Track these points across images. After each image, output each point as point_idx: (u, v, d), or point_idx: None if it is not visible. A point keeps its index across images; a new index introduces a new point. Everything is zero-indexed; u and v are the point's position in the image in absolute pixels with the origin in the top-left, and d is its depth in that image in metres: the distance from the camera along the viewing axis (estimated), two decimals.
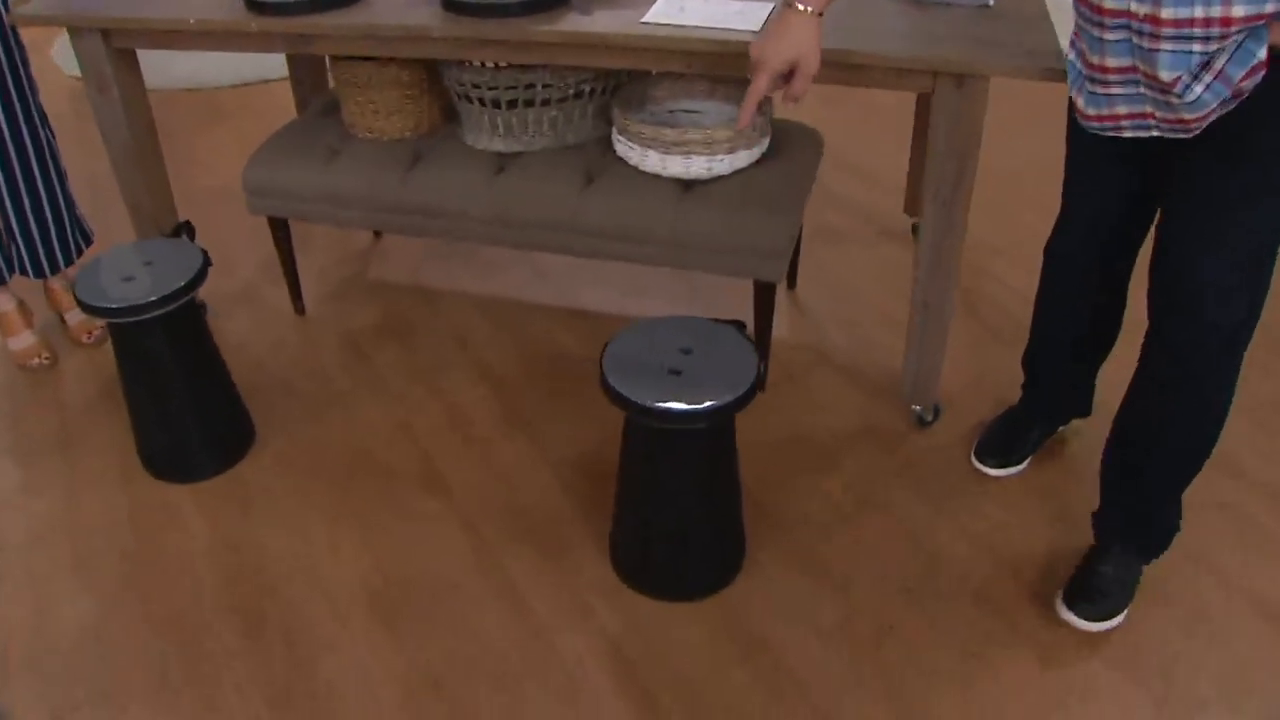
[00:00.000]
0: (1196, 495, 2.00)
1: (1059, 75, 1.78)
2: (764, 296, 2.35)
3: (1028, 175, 3.13)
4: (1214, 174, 1.61)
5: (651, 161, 2.26)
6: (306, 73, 2.97)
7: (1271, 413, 2.38)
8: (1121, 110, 1.63)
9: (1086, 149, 1.84)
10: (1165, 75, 1.49)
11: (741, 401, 1.79)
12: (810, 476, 2.26)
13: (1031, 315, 2.16)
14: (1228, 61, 1.47)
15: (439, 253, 3.01)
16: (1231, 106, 1.53)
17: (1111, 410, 1.93)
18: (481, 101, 2.34)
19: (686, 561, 2.00)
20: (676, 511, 1.93)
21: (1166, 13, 1.44)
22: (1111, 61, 1.57)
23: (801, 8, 1.71)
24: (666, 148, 2.23)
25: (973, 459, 2.27)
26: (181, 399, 2.20)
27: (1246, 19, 1.41)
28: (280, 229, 2.60)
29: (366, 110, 2.42)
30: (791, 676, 1.87)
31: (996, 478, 2.25)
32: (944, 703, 1.82)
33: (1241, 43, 1.46)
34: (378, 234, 3.10)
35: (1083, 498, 2.17)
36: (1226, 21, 1.42)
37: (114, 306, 2.06)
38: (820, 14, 1.73)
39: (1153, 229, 1.81)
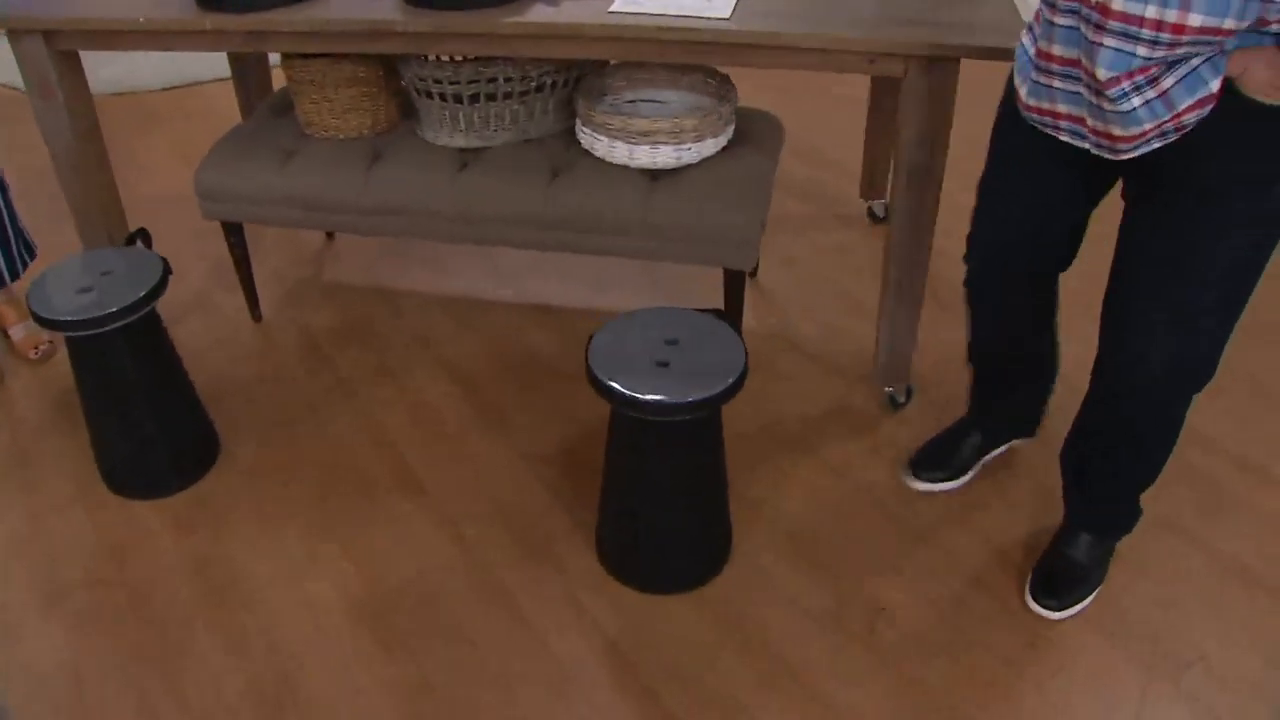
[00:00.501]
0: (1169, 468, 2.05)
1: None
2: (734, 285, 2.35)
3: (963, 157, 3.16)
4: (1160, 219, 1.56)
5: (619, 152, 2.24)
6: (251, 72, 2.90)
7: (1246, 386, 2.45)
8: (1061, 109, 1.57)
9: (1024, 144, 1.71)
10: (1102, 73, 1.41)
11: (731, 390, 1.78)
12: (789, 462, 2.26)
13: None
14: (1176, 84, 1.40)
15: (394, 251, 2.96)
16: (1172, 139, 1.46)
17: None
18: (442, 97, 2.29)
19: (676, 553, 1.99)
20: (666, 503, 1.92)
21: (1117, 3, 1.35)
22: (1058, 50, 1.50)
23: None
24: (634, 138, 2.21)
25: (902, 475, 2.23)
26: (144, 412, 2.13)
27: (1201, 30, 1.32)
28: (234, 234, 2.52)
29: (322, 109, 2.36)
30: (787, 663, 1.87)
31: (930, 492, 2.21)
32: (937, 678, 1.83)
33: (1196, 68, 1.39)
34: (330, 234, 3.03)
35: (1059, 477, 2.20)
36: (1179, 29, 1.33)
37: (72, 319, 1.98)
38: None
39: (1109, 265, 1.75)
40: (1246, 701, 1.78)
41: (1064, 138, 1.59)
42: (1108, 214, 1.75)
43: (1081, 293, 2.08)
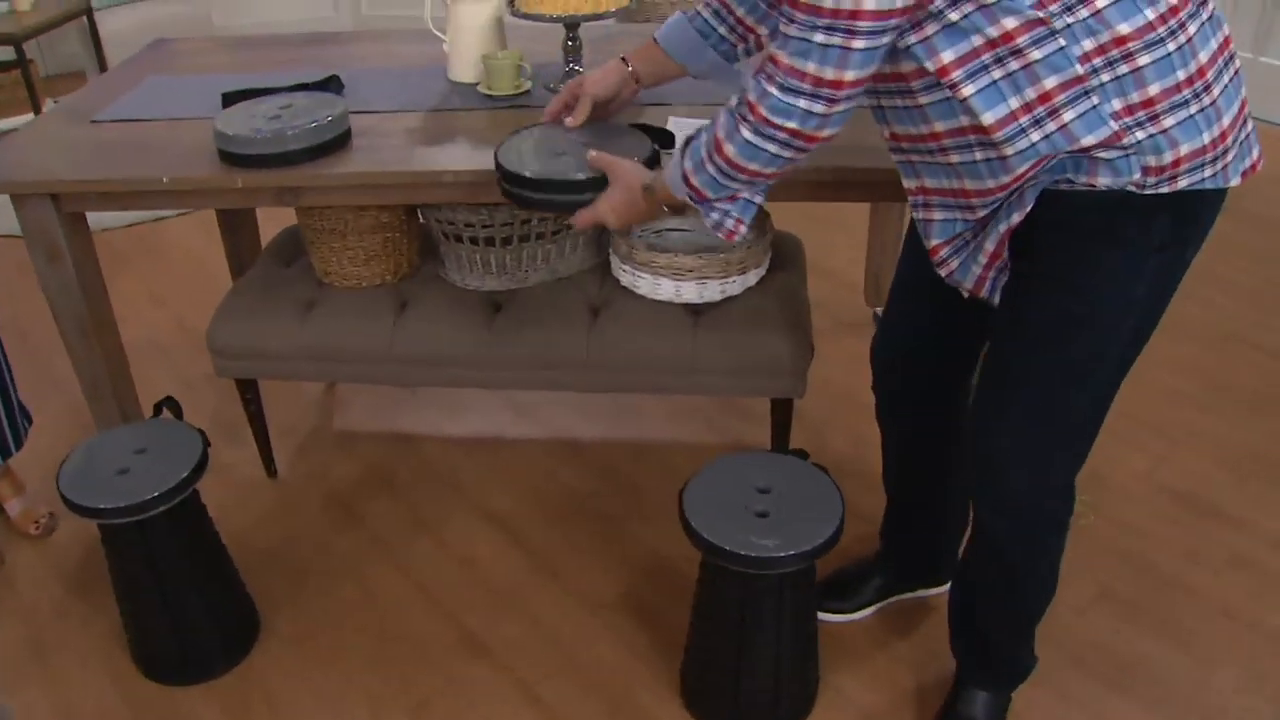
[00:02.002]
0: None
1: None
2: (782, 413, 2.32)
3: None
4: (1003, 343, 1.57)
5: (665, 289, 2.21)
6: (237, 214, 2.79)
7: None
8: (937, 215, 1.56)
9: (919, 245, 1.70)
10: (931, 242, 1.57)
11: (836, 536, 1.76)
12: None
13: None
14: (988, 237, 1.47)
15: (402, 394, 2.86)
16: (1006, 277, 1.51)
17: None
18: (473, 240, 2.23)
19: (778, 699, 1.93)
20: (772, 652, 1.86)
21: (930, 182, 1.50)
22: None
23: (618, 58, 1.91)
24: (681, 274, 2.18)
25: None
26: (189, 595, 1.99)
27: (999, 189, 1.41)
28: (249, 390, 2.40)
29: (343, 257, 2.28)
30: None
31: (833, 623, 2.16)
32: None
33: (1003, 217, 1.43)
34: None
35: None
36: (984, 193, 1.43)
37: (115, 507, 1.85)
38: (627, 63, 1.89)
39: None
40: None
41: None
42: None
43: None
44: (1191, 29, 1.29)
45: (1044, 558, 1.74)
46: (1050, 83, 1.28)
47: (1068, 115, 1.30)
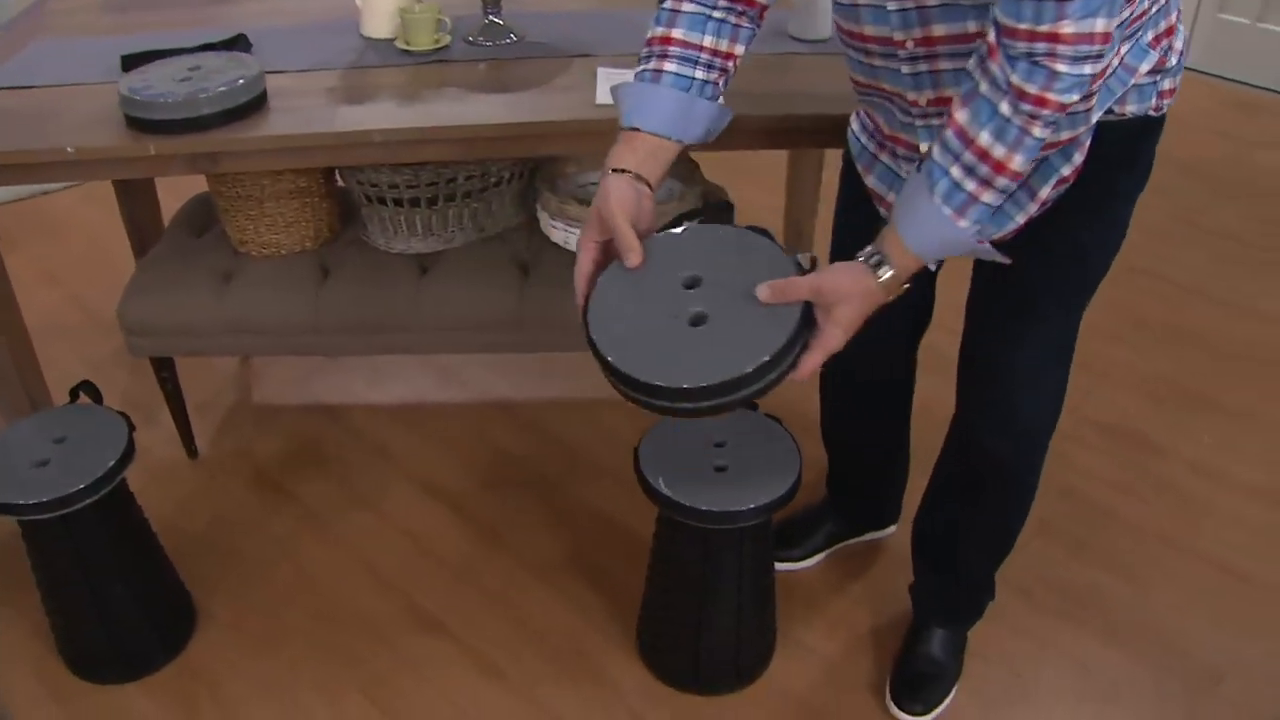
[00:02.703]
0: None
1: None
2: None
3: None
4: (1020, 274, 1.49)
5: None
6: (135, 186, 2.64)
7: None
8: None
9: (860, 185, 1.64)
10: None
11: (796, 487, 1.75)
12: None
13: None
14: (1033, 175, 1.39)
15: (322, 365, 2.75)
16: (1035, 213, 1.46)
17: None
18: (397, 202, 2.15)
19: (737, 652, 1.93)
20: (733, 605, 1.84)
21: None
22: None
23: (611, 171, 1.41)
24: None
25: None
26: (121, 589, 1.89)
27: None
28: (165, 369, 2.28)
29: (260, 225, 2.17)
30: None
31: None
32: None
33: (1047, 158, 1.37)
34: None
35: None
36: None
37: (37, 502, 1.73)
38: (640, 178, 1.41)
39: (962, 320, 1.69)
40: None
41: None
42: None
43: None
44: None
45: (1036, 475, 1.77)
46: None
47: (1124, 49, 1.29)
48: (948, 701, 1.92)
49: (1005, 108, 1.17)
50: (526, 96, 1.96)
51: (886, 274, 1.28)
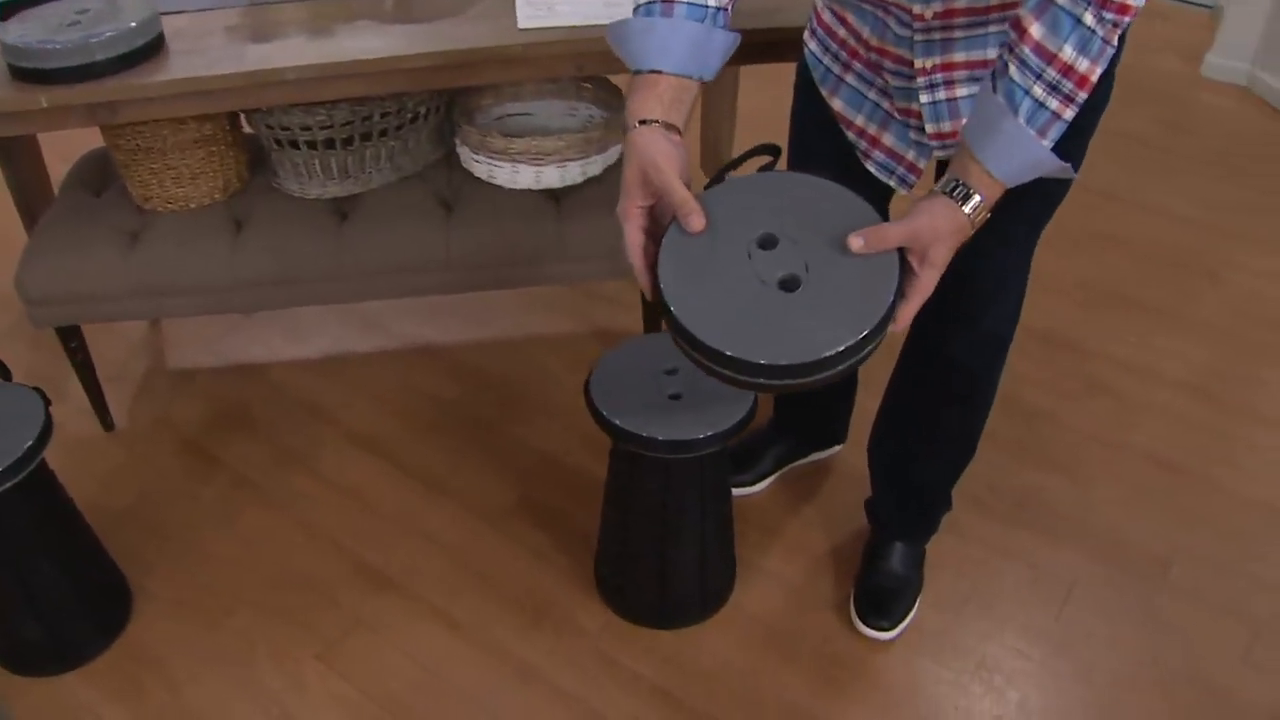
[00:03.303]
0: None
1: None
2: None
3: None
4: None
5: (524, 176, 2.08)
6: (16, 141, 2.47)
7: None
8: (961, 91, 1.44)
9: (823, 108, 1.59)
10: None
11: (754, 410, 1.72)
12: None
13: None
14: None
15: (237, 323, 2.62)
16: None
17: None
18: (310, 145, 2.04)
19: (704, 583, 1.91)
20: (696, 535, 1.82)
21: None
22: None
23: (638, 123, 1.26)
24: (540, 158, 2.05)
25: None
26: (51, 575, 1.79)
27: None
28: (73, 338, 2.15)
29: (164, 178, 2.04)
30: (839, 659, 1.86)
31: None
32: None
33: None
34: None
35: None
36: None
37: None
38: (671, 127, 1.26)
39: None
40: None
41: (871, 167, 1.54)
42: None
43: None
44: None
45: (995, 386, 1.77)
46: None
47: None
48: (912, 614, 1.93)
49: (1090, 18, 1.11)
50: (444, 26, 1.87)
51: (975, 205, 1.21)
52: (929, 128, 1.42)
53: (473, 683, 1.83)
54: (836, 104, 1.54)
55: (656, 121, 1.24)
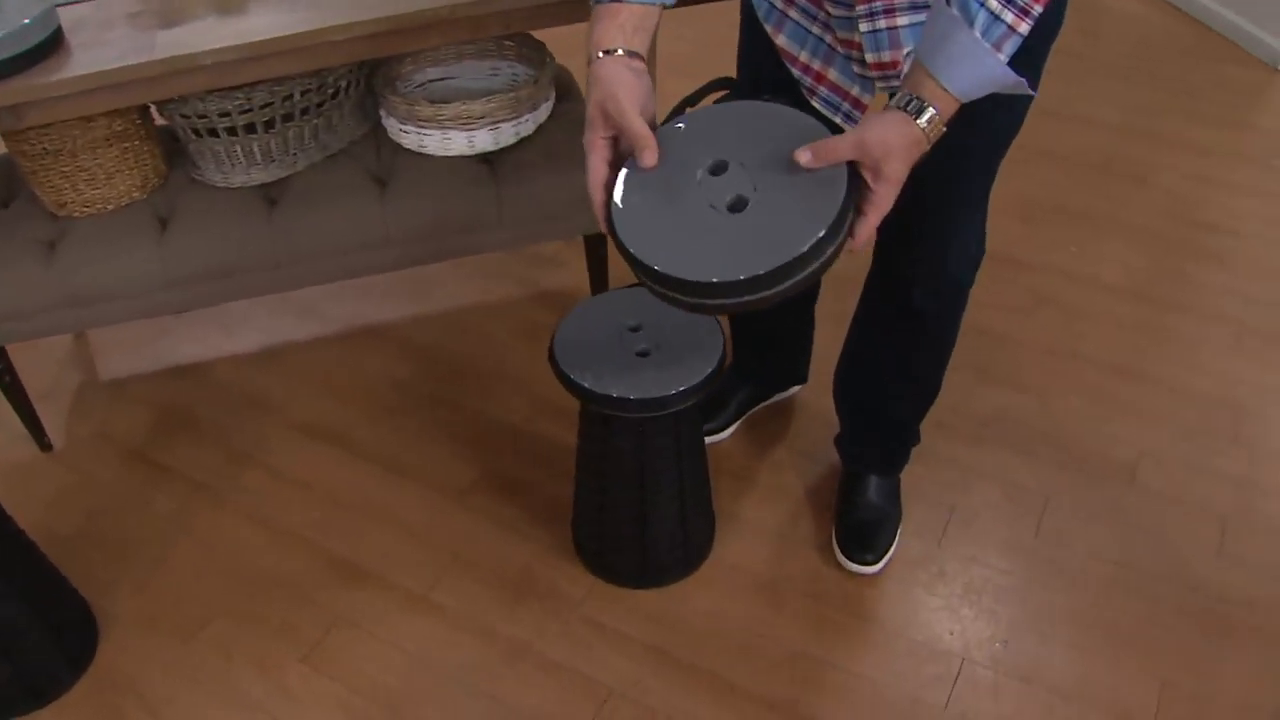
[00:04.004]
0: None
1: None
2: (597, 250, 2.21)
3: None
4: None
5: (456, 142, 2.01)
6: None
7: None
8: (902, 20, 1.39)
9: (768, 44, 1.56)
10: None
11: (724, 361, 1.69)
12: None
13: None
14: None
15: (167, 324, 2.50)
16: None
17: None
18: (230, 131, 1.94)
19: (686, 538, 1.88)
20: (675, 492, 1.79)
21: None
22: None
23: (601, 54, 1.26)
24: (471, 123, 1.98)
25: None
26: (10, 611, 1.68)
27: None
28: None
29: (78, 180, 1.92)
30: (829, 598, 1.86)
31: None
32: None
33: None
34: None
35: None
36: None
37: None
38: (634, 54, 1.26)
39: None
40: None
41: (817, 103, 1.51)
42: None
43: None
44: None
45: (959, 322, 1.77)
46: None
47: None
48: (895, 545, 1.93)
49: None
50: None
51: (929, 118, 1.17)
52: (869, 57, 1.38)
53: (464, 666, 1.79)
54: (780, 40, 1.50)
55: (619, 51, 1.24)
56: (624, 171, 1.26)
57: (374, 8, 1.74)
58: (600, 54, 1.24)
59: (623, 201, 1.25)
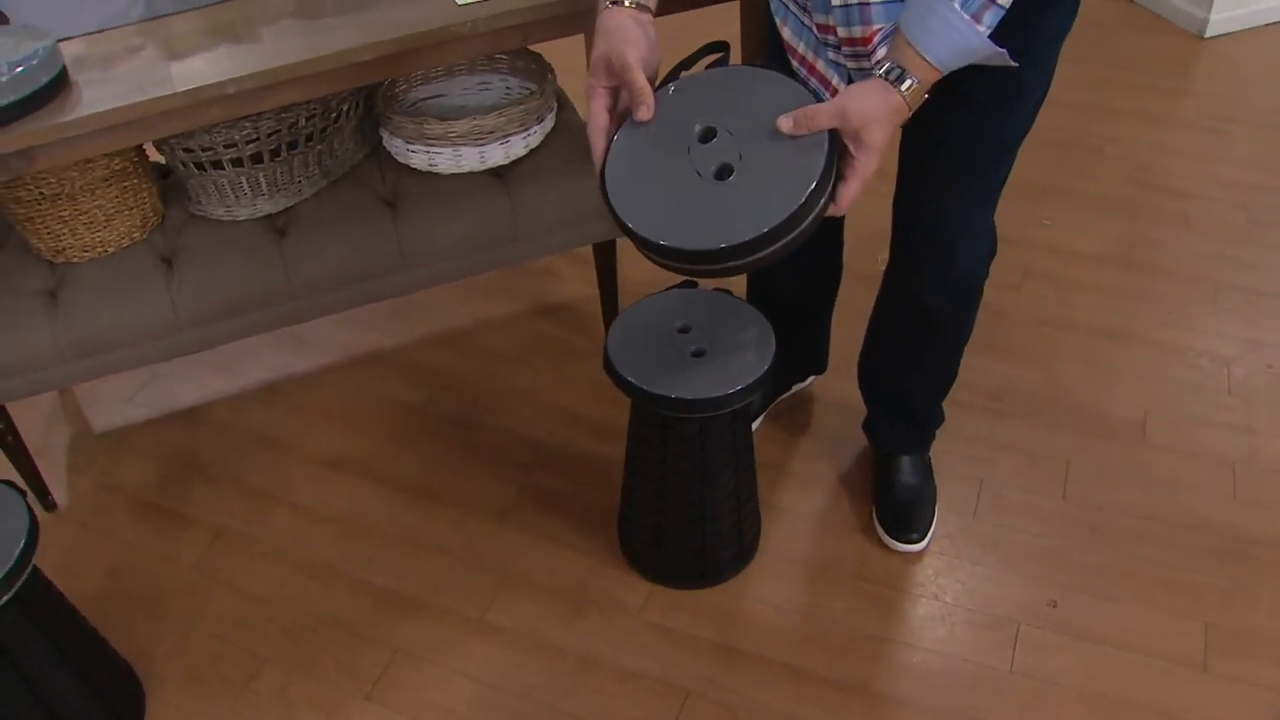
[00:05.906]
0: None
1: None
2: (607, 256, 2.20)
3: None
4: (950, 125, 1.51)
5: (468, 159, 1.98)
6: None
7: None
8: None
9: (776, 31, 1.56)
10: None
11: (778, 356, 1.70)
12: None
13: None
14: None
15: (159, 369, 2.40)
16: None
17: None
18: (236, 162, 1.88)
19: (741, 534, 1.89)
20: (732, 489, 1.80)
21: None
22: None
23: (609, 3, 1.31)
24: (482, 137, 1.96)
25: None
26: (67, 685, 1.60)
27: None
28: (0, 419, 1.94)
29: (77, 224, 1.84)
30: (889, 583, 1.89)
31: None
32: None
33: None
34: None
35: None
36: None
37: None
38: (642, 7, 1.31)
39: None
40: None
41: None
42: None
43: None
44: None
45: (974, 317, 1.81)
46: None
47: None
48: (936, 522, 1.97)
49: None
50: (378, 13, 1.73)
51: (909, 86, 1.22)
52: (840, 32, 1.37)
53: (535, 685, 1.76)
54: (786, 33, 1.52)
55: (626, 1, 1.29)
56: (619, 138, 1.32)
57: (394, 27, 1.70)
58: (608, 4, 1.28)
59: (616, 173, 1.31)
